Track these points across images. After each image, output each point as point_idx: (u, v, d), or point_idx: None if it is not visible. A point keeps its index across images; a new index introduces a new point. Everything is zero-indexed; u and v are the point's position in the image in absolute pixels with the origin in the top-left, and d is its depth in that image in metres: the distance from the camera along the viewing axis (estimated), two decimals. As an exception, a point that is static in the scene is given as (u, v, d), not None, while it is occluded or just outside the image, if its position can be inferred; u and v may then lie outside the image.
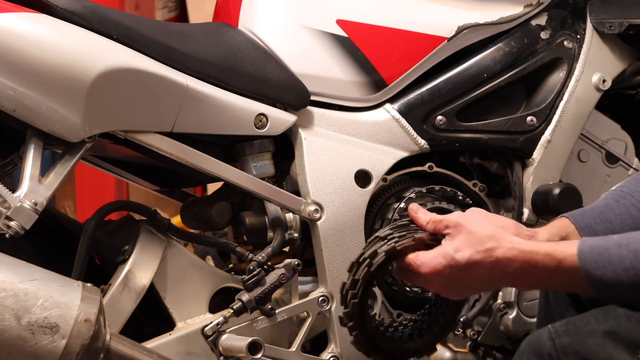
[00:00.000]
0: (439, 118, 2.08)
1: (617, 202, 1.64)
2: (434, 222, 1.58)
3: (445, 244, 1.53)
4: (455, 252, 1.51)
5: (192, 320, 1.94)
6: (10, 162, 1.92)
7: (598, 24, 2.18)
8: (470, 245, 1.50)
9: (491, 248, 1.48)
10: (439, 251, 1.53)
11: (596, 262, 1.42)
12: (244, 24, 2.06)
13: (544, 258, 1.45)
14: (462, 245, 1.51)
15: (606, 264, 1.42)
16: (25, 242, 1.77)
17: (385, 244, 1.58)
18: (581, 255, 1.44)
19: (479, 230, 1.51)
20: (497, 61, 2.12)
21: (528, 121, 2.13)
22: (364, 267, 1.59)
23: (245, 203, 2.05)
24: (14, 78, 1.72)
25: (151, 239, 1.94)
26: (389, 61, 2.07)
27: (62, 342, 1.59)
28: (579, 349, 1.38)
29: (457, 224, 1.53)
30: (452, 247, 1.52)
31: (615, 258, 1.42)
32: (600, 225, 1.62)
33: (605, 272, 1.42)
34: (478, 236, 1.50)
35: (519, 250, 1.47)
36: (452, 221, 1.55)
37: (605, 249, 1.43)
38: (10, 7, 1.75)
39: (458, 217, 1.55)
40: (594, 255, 1.43)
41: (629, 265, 1.40)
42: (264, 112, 1.96)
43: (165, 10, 4.49)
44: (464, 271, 1.50)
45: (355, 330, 1.63)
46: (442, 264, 1.52)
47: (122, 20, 1.86)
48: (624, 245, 1.42)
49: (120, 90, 1.81)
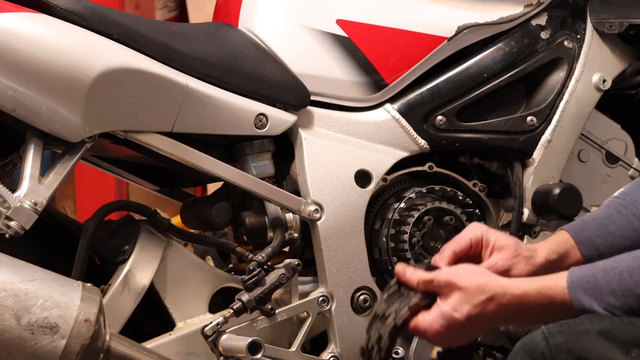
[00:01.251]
0: (439, 118, 2.08)
1: (618, 212, 1.65)
2: (424, 283, 1.59)
3: (442, 305, 1.55)
4: (454, 311, 1.53)
5: (192, 320, 1.94)
6: (10, 162, 1.92)
7: (598, 23, 2.18)
8: (466, 300, 1.52)
9: (486, 299, 1.51)
10: (438, 313, 1.55)
11: (585, 290, 1.45)
12: (244, 24, 2.06)
13: (536, 297, 1.48)
14: (458, 303, 1.53)
15: (595, 290, 1.45)
16: (25, 242, 1.77)
17: (384, 324, 1.61)
18: (570, 286, 1.46)
19: (470, 283, 1.53)
20: (497, 61, 2.12)
21: (528, 121, 2.13)
22: (375, 353, 1.62)
23: (245, 203, 2.05)
24: (14, 78, 1.72)
25: (151, 239, 1.94)
26: (389, 61, 2.07)
27: (62, 342, 1.59)
28: (572, 347, 1.39)
29: (448, 283, 1.55)
30: (449, 306, 1.54)
31: (603, 283, 1.44)
32: (601, 238, 1.64)
33: (595, 299, 1.44)
34: (471, 290, 1.52)
35: (512, 295, 1.50)
36: (443, 280, 1.56)
37: (593, 276, 1.46)
38: (10, 7, 1.75)
39: (447, 275, 1.57)
40: (582, 284, 1.46)
41: (615, 287, 1.43)
42: (264, 112, 1.96)
43: (165, 10, 4.49)
44: (466, 326, 1.54)
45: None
46: (444, 326, 1.55)
47: (122, 20, 1.86)
48: (609, 269, 1.45)
49: (120, 90, 1.81)
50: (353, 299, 1.99)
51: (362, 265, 2.00)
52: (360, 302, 1.99)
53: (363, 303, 1.99)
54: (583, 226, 1.67)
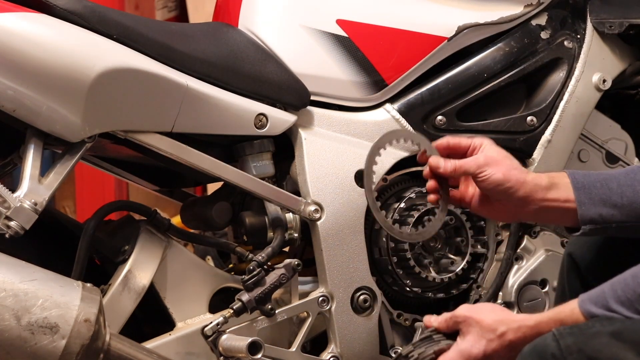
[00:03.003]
0: (439, 118, 2.08)
1: (626, 174, 1.66)
2: (446, 321, 1.64)
3: (460, 342, 1.59)
4: (472, 347, 1.57)
5: (192, 320, 1.94)
6: (10, 162, 1.92)
7: (598, 23, 2.18)
8: (482, 336, 1.56)
9: (502, 333, 1.54)
10: (456, 351, 1.59)
11: (595, 303, 1.46)
12: (244, 24, 2.06)
13: (548, 324, 1.50)
14: (475, 339, 1.57)
15: (602, 300, 1.46)
16: (25, 242, 1.77)
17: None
18: (581, 304, 1.48)
19: (487, 318, 1.57)
20: (497, 61, 2.12)
21: (528, 121, 2.13)
22: None
23: (245, 203, 2.05)
24: (14, 78, 1.72)
25: (151, 239, 1.94)
26: (389, 61, 2.07)
27: (62, 342, 1.59)
28: (583, 348, 1.39)
29: (466, 318, 1.60)
30: (467, 343, 1.58)
31: (608, 292, 1.46)
32: (599, 189, 1.64)
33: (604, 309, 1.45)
34: (487, 324, 1.56)
35: (527, 327, 1.53)
36: (461, 316, 1.61)
37: (601, 291, 1.47)
38: (10, 7, 1.75)
39: (465, 311, 1.61)
40: (592, 299, 1.47)
41: (620, 293, 1.44)
42: (264, 112, 1.96)
43: (165, 10, 4.49)
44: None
45: None
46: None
47: (122, 20, 1.86)
48: (615, 282, 1.46)
49: (120, 90, 1.81)
50: (353, 299, 1.99)
51: (362, 265, 2.00)
52: (360, 302, 1.99)
53: (363, 303, 1.99)
54: (585, 174, 1.68)
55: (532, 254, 2.13)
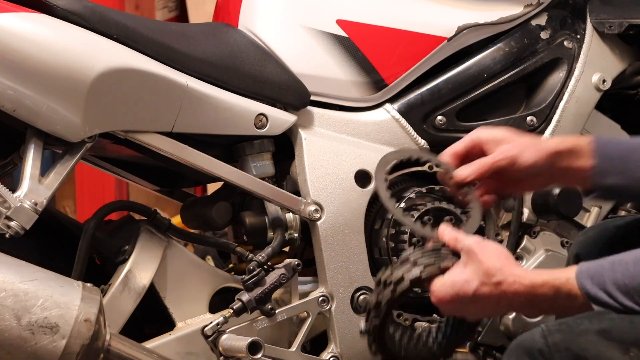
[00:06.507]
0: (439, 118, 2.08)
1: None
2: (452, 240, 1.59)
3: (457, 272, 1.55)
4: (465, 282, 1.52)
5: (192, 320, 1.94)
6: (10, 162, 1.92)
7: (598, 24, 2.18)
8: (478, 276, 1.51)
9: (498, 282, 1.50)
10: (451, 280, 1.55)
11: (592, 278, 1.43)
12: (244, 24, 2.07)
13: (542, 288, 1.47)
14: (470, 276, 1.52)
15: (600, 279, 1.42)
16: (25, 242, 1.78)
17: (411, 269, 1.60)
18: (578, 275, 1.45)
19: (488, 261, 1.52)
20: (497, 61, 2.12)
21: (528, 121, 2.13)
22: (389, 292, 1.61)
23: (245, 203, 2.05)
24: (14, 78, 1.72)
25: (151, 239, 1.94)
26: (389, 61, 2.07)
27: (62, 342, 1.59)
28: (570, 346, 1.38)
29: (470, 250, 1.54)
30: (462, 276, 1.53)
31: (608, 272, 1.43)
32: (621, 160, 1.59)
33: (600, 288, 1.42)
34: (486, 267, 1.51)
35: (521, 284, 1.48)
36: (466, 245, 1.56)
37: (600, 266, 1.44)
38: (10, 7, 1.75)
39: (472, 244, 1.56)
40: (590, 273, 1.44)
41: (619, 276, 1.41)
42: (264, 112, 1.96)
43: (165, 10, 4.49)
44: (472, 302, 1.52)
45: (374, 345, 1.67)
46: (449, 294, 1.54)
47: (122, 20, 1.86)
48: (617, 261, 1.43)
49: (120, 90, 1.81)
50: (353, 299, 1.99)
51: (362, 265, 2.00)
52: (360, 302, 1.99)
53: (363, 303, 1.99)
54: (611, 143, 1.63)
55: (532, 254, 2.13)
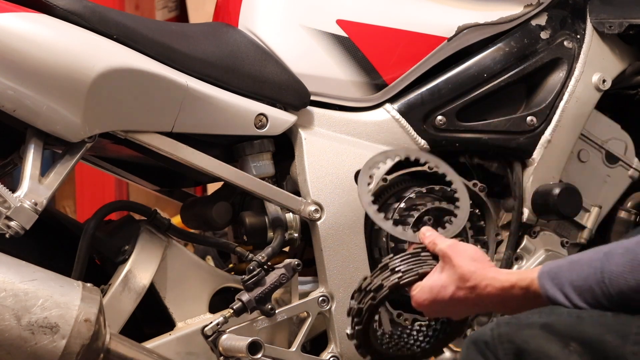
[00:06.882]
0: (439, 118, 2.08)
1: None
2: (431, 244, 1.67)
3: (435, 277, 1.62)
4: (442, 288, 1.59)
5: (192, 320, 1.94)
6: (10, 162, 1.92)
7: (598, 24, 2.18)
8: (454, 281, 1.58)
9: (472, 286, 1.56)
10: (429, 285, 1.62)
11: (552, 279, 1.46)
12: (244, 24, 2.07)
13: (512, 289, 1.52)
14: (447, 281, 1.59)
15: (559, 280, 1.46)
16: (25, 242, 1.78)
17: (390, 277, 1.66)
18: (540, 275, 1.48)
19: (464, 265, 1.58)
20: (497, 61, 2.12)
21: (528, 121, 2.13)
22: (369, 299, 1.68)
23: (245, 203, 2.05)
24: (14, 78, 1.72)
25: (151, 239, 1.94)
26: (389, 61, 2.07)
27: (62, 342, 1.59)
28: (513, 338, 1.41)
29: (445, 255, 1.62)
30: (439, 282, 1.60)
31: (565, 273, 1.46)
32: None
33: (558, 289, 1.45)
34: (461, 272, 1.57)
35: (493, 287, 1.54)
36: (442, 250, 1.63)
37: (560, 267, 1.47)
38: (10, 7, 1.75)
39: (447, 248, 1.63)
40: (550, 274, 1.47)
41: (575, 278, 1.44)
42: (264, 112, 1.96)
43: (165, 10, 4.49)
44: (450, 305, 1.59)
45: (360, 348, 1.75)
46: (428, 300, 1.61)
47: (122, 20, 1.86)
48: (576, 261, 1.46)
49: (120, 90, 1.81)
50: (353, 298, 1.99)
51: (362, 265, 2.00)
52: (360, 302, 1.99)
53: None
54: None
55: (532, 254, 2.13)
